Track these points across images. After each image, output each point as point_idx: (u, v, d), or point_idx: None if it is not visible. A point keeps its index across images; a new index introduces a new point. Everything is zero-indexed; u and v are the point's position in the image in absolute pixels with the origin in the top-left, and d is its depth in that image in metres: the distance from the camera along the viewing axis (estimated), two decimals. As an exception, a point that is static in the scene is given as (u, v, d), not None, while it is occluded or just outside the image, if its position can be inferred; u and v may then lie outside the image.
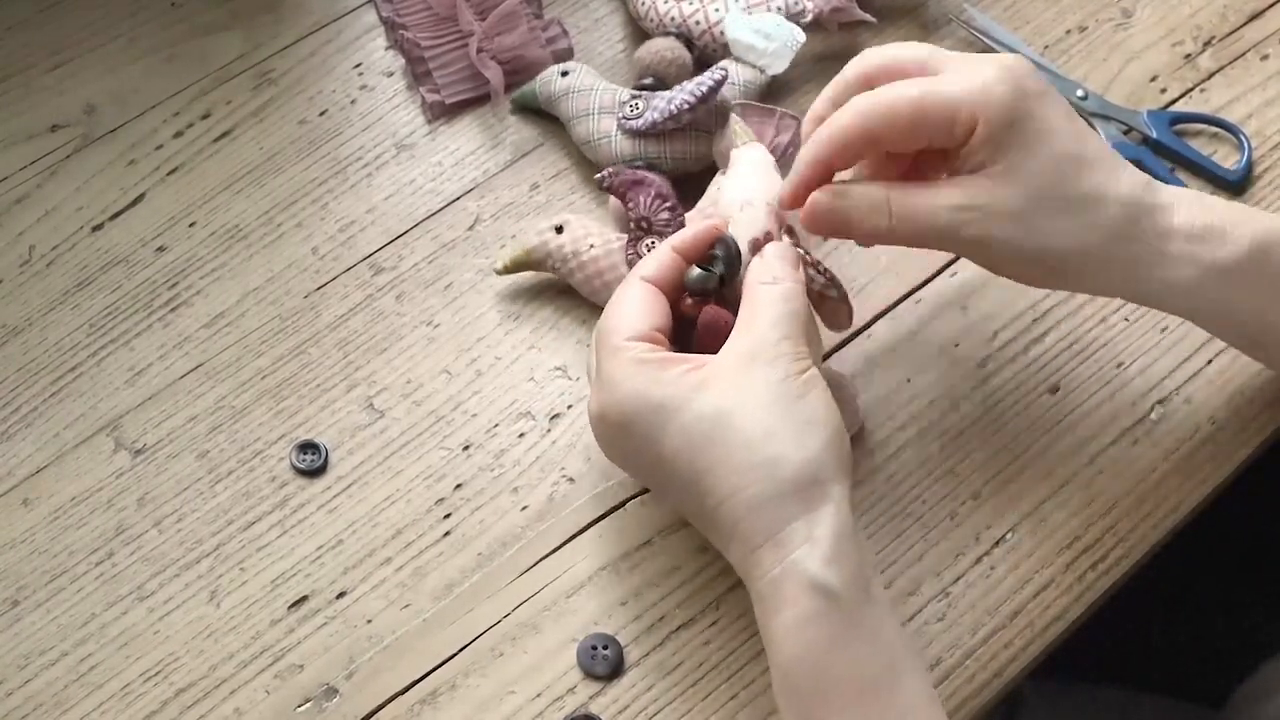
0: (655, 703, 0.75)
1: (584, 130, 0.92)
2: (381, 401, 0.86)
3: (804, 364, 0.68)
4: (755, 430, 0.66)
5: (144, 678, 0.77)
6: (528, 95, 0.96)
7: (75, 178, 0.95)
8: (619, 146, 0.90)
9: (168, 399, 0.86)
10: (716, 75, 0.88)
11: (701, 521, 0.70)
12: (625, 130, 0.90)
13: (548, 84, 0.94)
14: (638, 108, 0.90)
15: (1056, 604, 0.78)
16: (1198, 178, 0.93)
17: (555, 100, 0.94)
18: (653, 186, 0.86)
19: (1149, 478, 0.82)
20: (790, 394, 0.67)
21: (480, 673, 0.77)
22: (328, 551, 0.81)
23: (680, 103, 0.88)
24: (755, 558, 0.66)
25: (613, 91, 0.92)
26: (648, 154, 0.90)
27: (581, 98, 0.93)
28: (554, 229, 0.87)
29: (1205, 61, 0.99)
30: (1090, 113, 0.95)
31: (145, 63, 1.01)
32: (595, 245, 0.86)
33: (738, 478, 0.66)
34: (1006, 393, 0.85)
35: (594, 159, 0.92)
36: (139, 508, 0.82)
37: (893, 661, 0.65)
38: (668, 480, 0.69)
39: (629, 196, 0.86)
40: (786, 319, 0.70)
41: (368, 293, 0.90)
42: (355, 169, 0.95)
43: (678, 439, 0.67)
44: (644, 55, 0.94)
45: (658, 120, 0.89)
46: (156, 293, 0.90)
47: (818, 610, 0.64)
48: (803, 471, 0.65)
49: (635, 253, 0.85)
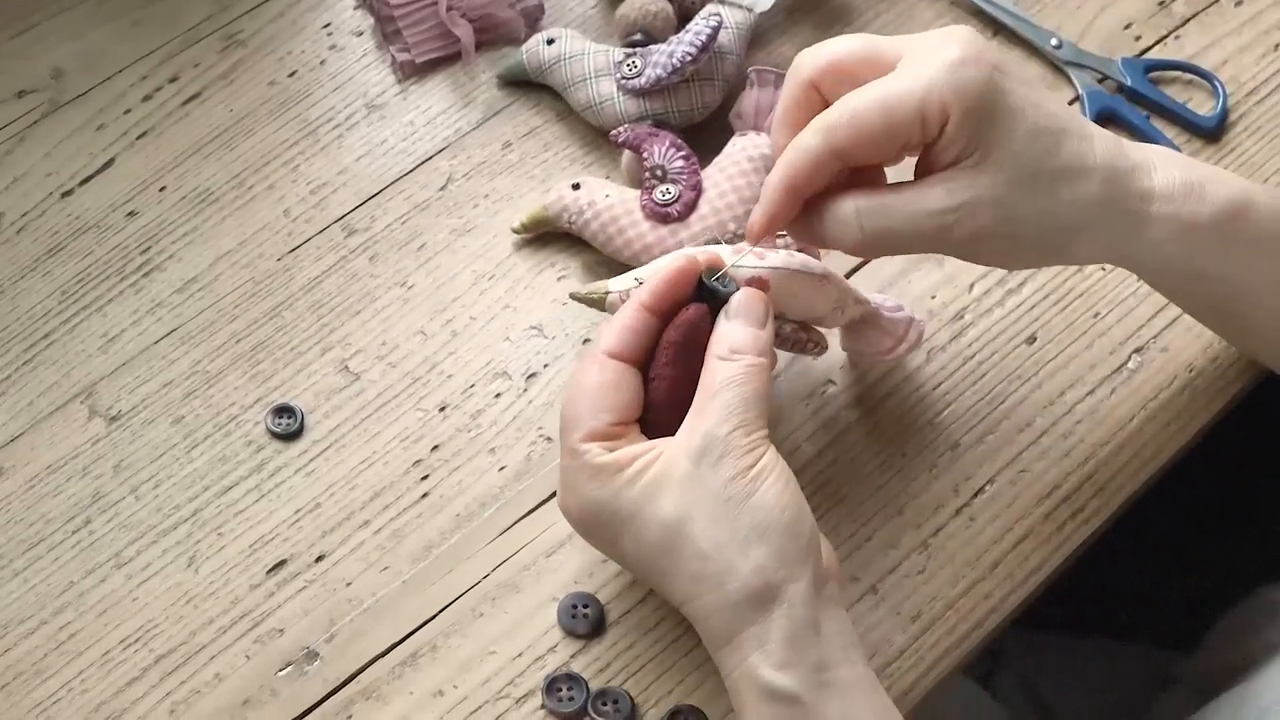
0: (636, 660, 0.75)
1: (584, 96, 0.91)
2: (357, 364, 0.85)
3: (754, 455, 0.65)
4: (703, 542, 0.64)
5: (123, 644, 0.77)
6: (515, 68, 0.95)
7: (43, 144, 0.94)
8: (623, 107, 0.90)
9: (142, 365, 0.86)
10: (713, 22, 0.88)
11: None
12: (627, 90, 0.89)
13: (535, 54, 0.93)
14: (636, 66, 0.89)
15: (1036, 554, 0.78)
16: (1173, 125, 0.93)
17: (546, 70, 0.93)
18: (666, 137, 0.86)
19: (1127, 426, 0.82)
20: (738, 496, 0.64)
21: (461, 633, 0.76)
22: (306, 515, 0.80)
23: (683, 55, 0.87)
24: (719, 657, 0.66)
25: (604, 52, 0.91)
26: (654, 111, 0.89)
27: (574, 63, 0.91)
28: (571, 186, 0.87)
29: (1179, 8, 0.98)
30: (1065, 61, 0.95)
31: (112, 26, 1.00)
32: (610, 195, 0.86)
33: (692, 586, 0.65)
34: (984, 344, 0.84)
35: (598, 123, 0.91)
36: (115, 475, 0.82)
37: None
38: (636, 572, 0.71)
39: (643, 147, 0.86)
40: (739, 406, 0.66)
41: (341, 254, 0.89)
42: (326, 130, 0.95)
43: (632, 544, 0.67)
44: (628, 12, 0.93)
45: (663, 76, 0.88)
46: (128, 258, 0.90)
47: (776, 714, 0.64)
48: (751, 582, 0.64)
49: (650, 199, 0.85)
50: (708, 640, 0.67)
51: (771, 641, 0.63)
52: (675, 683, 0.75)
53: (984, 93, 0.66)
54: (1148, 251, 0.72)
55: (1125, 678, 1.07)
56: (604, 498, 0.67)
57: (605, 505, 0.67)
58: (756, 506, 0.64)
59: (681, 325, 0.69)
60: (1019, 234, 0.69)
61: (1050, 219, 0.69)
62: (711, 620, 0.65)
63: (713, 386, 0.67)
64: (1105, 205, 0.69)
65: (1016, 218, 0.68)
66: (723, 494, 0.64)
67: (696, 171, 0.85)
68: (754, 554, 0.64)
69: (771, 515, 0.64)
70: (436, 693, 0.75)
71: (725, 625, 0.65)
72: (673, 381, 0.69)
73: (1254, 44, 0.97)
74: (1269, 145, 0.92)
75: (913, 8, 0.98)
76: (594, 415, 0.68)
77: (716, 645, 0.66)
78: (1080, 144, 0.69)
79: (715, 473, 0.65)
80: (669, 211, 0.84)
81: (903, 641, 0.76)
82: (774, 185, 0.69)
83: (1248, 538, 1.13)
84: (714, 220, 0.84)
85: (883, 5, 0.98)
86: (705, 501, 0.65)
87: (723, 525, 0.64)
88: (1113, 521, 0.80)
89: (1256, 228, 0.72)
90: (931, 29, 0.96)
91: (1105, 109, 0.93)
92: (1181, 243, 0.71)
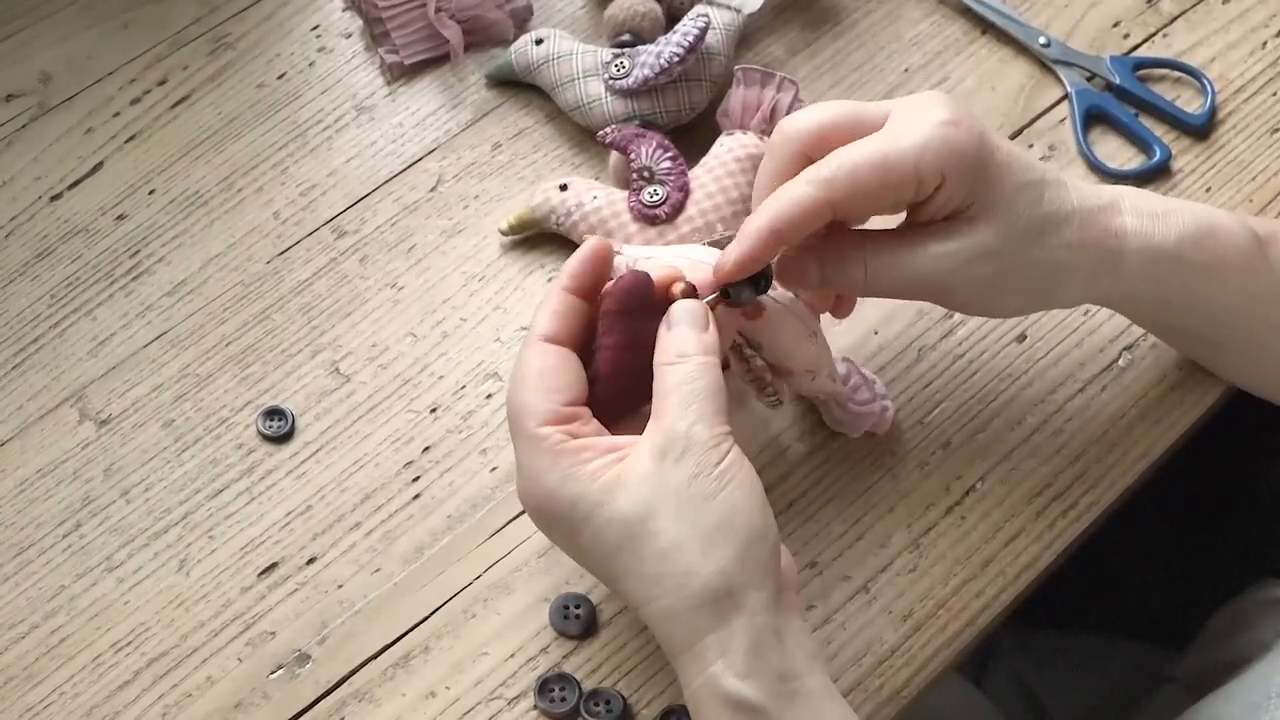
0: (628, 660, 0.75)
1: (571, 96, 0.91)
2: (347, 366, 0.85)
3: (719, 451, 0.64)
4: (665, 540, 0.63)
5: (115, 648, 0.77)
6: (503, 68, 0.95)
7: (32, 147, 0.94)
8: (611, 108, 0.90)
9: (132, 368, 0.85)
10: (700, 23, 0.88)
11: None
12: (615, 91, 0.89)
13: (524, 54, 0.93)
14: (624, 66, 0.89)
15: (1027, 552, 0.78)
16: (1162, 123, 0.93)
17: (534, 70, 0.93)
18: (654, 138, 0.86)
19: (1117, 424, 0.82)
20: (701, 494, 0.63)
21: (453, 635, 0.76)
22: (297, 518, 0.80)
23: (670, 55, 0.87)
24: (678, 664, 0.64)
25: (593, 53, 0.91)
26: (641, 111, 0.89)
27: (563, 63, 0.91)
28: (558, 187, 0.87)
29: (1167, 6, 0.99)
30: (1053, 60, 0.95)
31: (100, 29, 0.99)
32: (598, 197, 0.86)
33: (651, 587, 0.64)
34: (974, 343, 0.85)
35: (585, 123, 0.91)
36: (106, 478, 0.82)
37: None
38: (593, 571, 0.69)
39: (630, 148, 0.86)
40: (695, 401, 0.65)
41: (331, 256, 0.89)
42: (315, 132, 0.94)
43: (590, 541, 0.65)
44: (616, 13, 0.93)
45: (650, 76, 0.88)
46: (118, 261, 0.90)
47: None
48: (712, 584, 0.62)
49: (638, 200, 0.85)
50: (666, 646, 0.65)
51: (734, 650, 0.62)
52: (667, 683, 0.75)
53: (977, 152, 0.69)
54: (1125, 287, 0.74)
55: (1117, 674, 1.07)
56: (565, 488, 0.65)
57: (565, 496, 0.65)
58: (721, 505, 0.63)
59: (615, 294, 0.68)
60: (1014, 282, 0.72)
61: (1041, 266, 0.71)
62: (671, 624, 0.64)
63: (665, 389, 0.66)
64: (1083, 247, 0.72)
65: (1012, 266, 0.71)
66: (685, 491, 0.63)
67: (684, 172, 0.85)
68: (716, 555, 0.63)
69: (737, 516, 0.63)
70: (429, 694, 0.75)
71: (685, 630, 0.63)
72: (614, 350, 0.68)
73: (1242, 41, 0.97)
74: (1257, 142, 0.92)
75: (900, 7, 0.98)
76: (544, 399, 0.66)
77: (676, 651, 0.64)
78: (1058, 191, 0.72)
79: (678, 469, 0.63)
80: (657, 213, 0.84)
81: (894, 640, 0.76)
82: (759, 229, 0.68)
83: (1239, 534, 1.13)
84: (701, 222, 0.84)
85: (871, 5, 0.98)
86: (668, 499, 0.63)
87: (686, 523, 0.63)
88: (1104, 519, 0.81)
89: (1220, 251, 0.74)
90: (920, 28, 0.97)
91: (1094, 107, 0.93)
92: (1151, 272, 0.73)
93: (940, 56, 0.96)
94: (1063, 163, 0.92)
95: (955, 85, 0.95)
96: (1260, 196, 0.90)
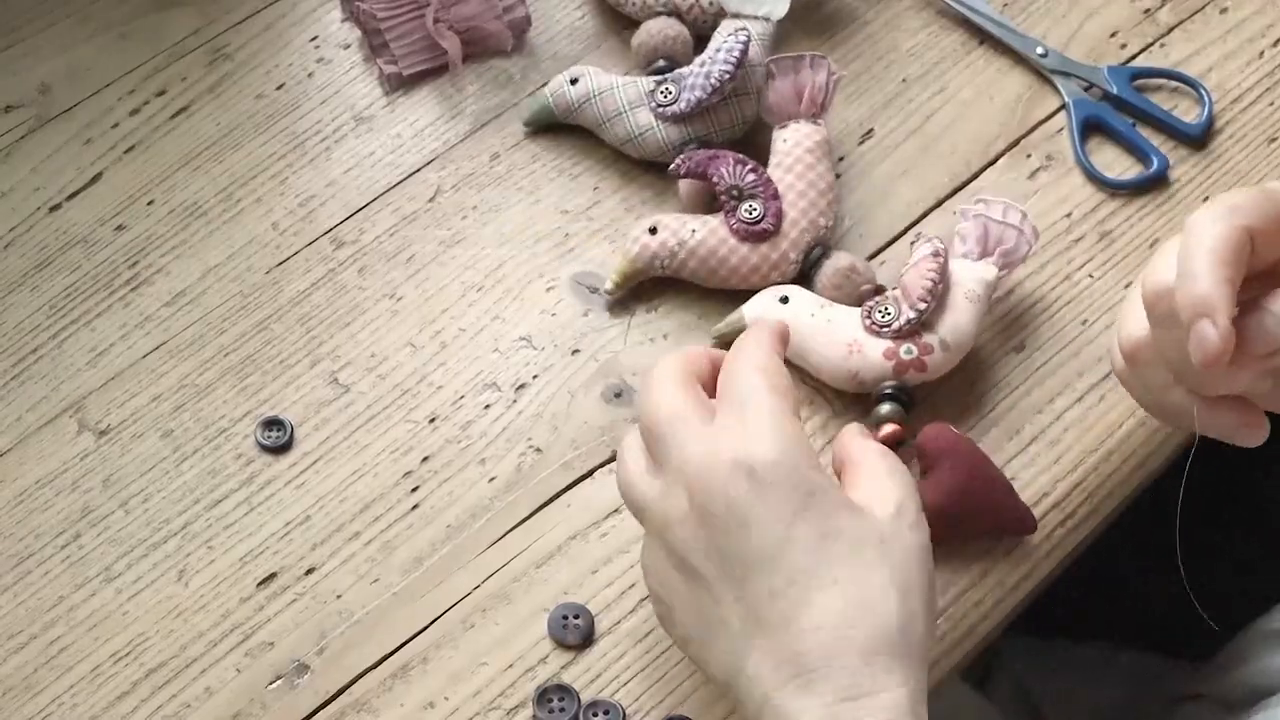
0: (628, 670, 0.75)
1: (622, 130, 0.90)
2: (346, 376, 0.85)
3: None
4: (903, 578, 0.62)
5: (114, 659, 0.77)
6: (542, 113, 0.93)
7: (31, 158, 0.94)
8: (665, 134, 0.89)
9: (130, 379, 0.85)
10: (742, 36, 0.88)
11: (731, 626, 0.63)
12: (666, 117, 0.89)
13: (561, 96, 0.92)
14: (670, 92, 0.89)
15: (1026, 561, 0.78)
16: (1159, 133, 0.93)
17: (576, 110, 0.91)
18: (729, 156, 0.85)
19: (1116, 433, 0.82)
20: (928, 563, 0.65)
21: (452, 645, 0.76)
22: (295, 528, 0.80)
23: (720, 74, 0.87)
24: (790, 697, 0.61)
25: (633, 84, 0.90)
26: (696, 134, 0.89)
27: (606, 99, 0.90)
28: (648, 231, 0.86)
29: (1165, 16, 0.99)
30: (1050, 70, 0.95)
31: (98, 41, 0.99)
32: (697, 230, 0.85)
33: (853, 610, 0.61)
34: (972, 352, 0.84)
35: (640, 155, 0.90)
36: (104, 489, 0.82)
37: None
38: (759, 549, 0.62)
39: (710, 172, 0.85)
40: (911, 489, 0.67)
41: (329, 267, 0.89)
42: (314, 143, 0.95)
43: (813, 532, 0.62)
44: (647, 40, 0.92)
45: (703, 97, 0.87)
46: (116, 272, 0.90)
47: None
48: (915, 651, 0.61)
49: (738, 220, 0.84)
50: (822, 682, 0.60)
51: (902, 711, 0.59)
52: (667, 692, 0.75)
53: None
54: None
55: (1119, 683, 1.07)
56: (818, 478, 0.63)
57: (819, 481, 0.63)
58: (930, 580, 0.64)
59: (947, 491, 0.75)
60: None
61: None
62: (845, 659, 0.60)
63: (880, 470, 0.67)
64: None
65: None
66: (923, 551, 0.64)
67: (770, 181, 0.85)
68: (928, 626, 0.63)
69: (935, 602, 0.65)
70: (428, 705, 0.75)
71: (852, 675, 0.60)
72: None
73: (1239, 51, 0.97)
74: (1255, 152, 0.92)
75: (897, 17, 0.98)
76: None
77: (840, 693, 0.60)
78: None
79: (915, 532, 0.65)
80: (763, 228, 0.84)
81: (894, 649, 0.76)
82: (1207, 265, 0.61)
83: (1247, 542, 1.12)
84: (805, 222, 0.84)
85: (868, 16, 0.99)
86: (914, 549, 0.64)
87: (924, 576, 0.63)
88: (1103, 528, 0.81)
89: None
90: (918, 39, 0.97)
91: (1091, 117, 0.93)
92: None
93: (938, 67, 0.96)
94: (1060, 173, 0.92)
95: (953, 96, 0.95)
96: (1258, 206, 0.90)
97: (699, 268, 0.85)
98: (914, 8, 0.99)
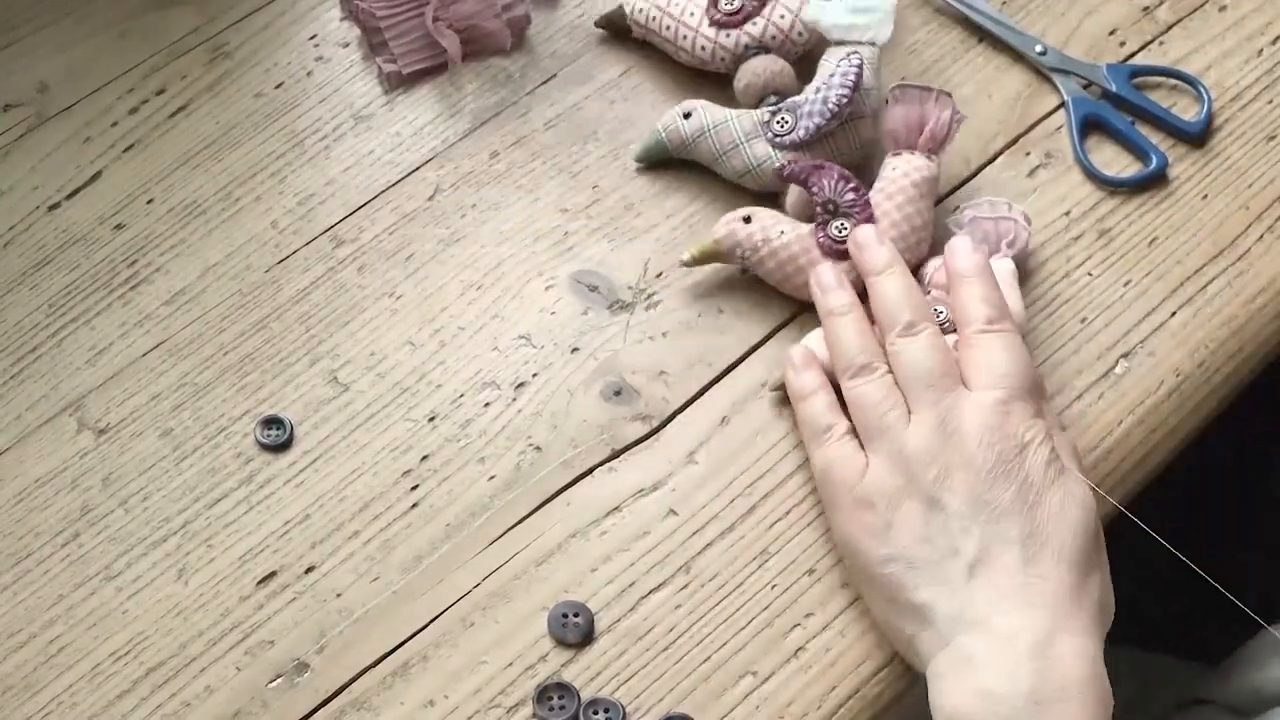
0: (627, 668, 0.76)
1: (740, 162, 0.89)
2: (345, 375, 0.85)
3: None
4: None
5: (114, 657, 0.77)
6: (655, 149, 0.92)
7: (30, 157, 0.94)
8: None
9: (130, 377, 0.86)
10: (855, 61, 0.87)
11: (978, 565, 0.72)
12: (784, 146, 0.88)
13: (675, 131, 0.91)
14: (787, 121, 0.88)
15: (1025, 559, 0.78)
16: (1158, 131, 0.93)
17: (690, 145, 0.90)
18: (834, 170, 0.85)
19: (1114, 432, 0.82)
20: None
21: (451, 643, 0.76)
22: (295, 526, 0.80)
23: (838, 98, 0.86)
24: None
25: (747, 115, 0.90)
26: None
27: (721, 132, 0.89)
28: (742, 219, 0.86)
29: (1163, 14, 0.99)
30: (1049, 68, 0.95)
31: (97, 39, 0.99)
32: (785, 232, 0.85)
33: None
34: (971, 350, 0.85)
35: (759, 186, 0.89)
36: (104, 488, 0.82)
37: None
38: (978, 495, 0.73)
39: (811, 181, 0.85)
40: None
41: (329, 265, 0.89)
42: (313, 141, 0.95)
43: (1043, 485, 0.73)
44: (755, 80, 0.91)
45: (822, 124, 0.86)
46: (116, 271, 0.90)
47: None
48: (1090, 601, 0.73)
49: (826, 235, 0.84)
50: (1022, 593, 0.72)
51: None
52: (667, 690, 0.75)
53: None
54: None
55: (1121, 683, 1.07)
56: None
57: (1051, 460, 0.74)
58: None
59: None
60: None
61: None
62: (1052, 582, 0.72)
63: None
64: None
65: None
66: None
67: (868, 204, 0.84)
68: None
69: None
70: (428, 703, 0.75)
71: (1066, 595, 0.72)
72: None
73: (1238, 49, 0.97)
74: (1254, 149, 0.92)
75: (897, 14, 0.98)
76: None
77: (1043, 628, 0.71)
78: None
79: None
80: (846, 248, 0.84)
81: (893, 646, 0.76)
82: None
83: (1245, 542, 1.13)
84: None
85: (868, 13, 0.98)
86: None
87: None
88: (1103, 526, 0.81)
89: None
90: (917, 36, 0.97)
91: (1090, 115, 0.93)
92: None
93: (937, 64, 0.96)
94: (1059, 171, 0.92)
95: (952, 92, 0.94)
96: (1257, 203, 0.90)
97: (775, 270, 0.85)
98: (913, 5, 0.99)
